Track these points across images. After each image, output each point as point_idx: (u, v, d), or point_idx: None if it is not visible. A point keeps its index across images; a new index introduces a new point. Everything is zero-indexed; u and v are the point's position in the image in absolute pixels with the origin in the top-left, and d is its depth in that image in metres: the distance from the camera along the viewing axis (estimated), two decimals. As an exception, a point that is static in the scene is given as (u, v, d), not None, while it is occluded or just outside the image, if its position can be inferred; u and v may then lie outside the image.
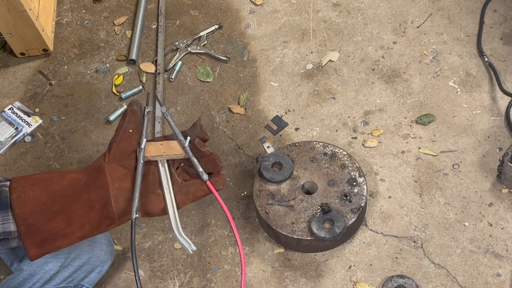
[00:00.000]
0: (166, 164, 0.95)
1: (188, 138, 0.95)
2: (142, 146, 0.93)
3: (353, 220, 1.41)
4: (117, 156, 0.92)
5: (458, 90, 1.68)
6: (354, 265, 1.44)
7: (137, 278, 0.85)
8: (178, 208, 0.93)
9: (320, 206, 1.43)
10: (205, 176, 0.93)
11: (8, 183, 0.88)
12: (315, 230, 1.39)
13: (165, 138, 0.97)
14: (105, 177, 0.90)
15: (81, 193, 0.89)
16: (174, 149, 0.95)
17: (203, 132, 0.96)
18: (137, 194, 0.90)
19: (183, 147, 0.94)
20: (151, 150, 0.94)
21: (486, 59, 1.71)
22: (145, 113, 0.98)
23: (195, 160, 0.94)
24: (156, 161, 0.95)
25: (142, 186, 0.91)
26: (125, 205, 0.90)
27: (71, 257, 1.22)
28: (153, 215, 0.93)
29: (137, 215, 0.89)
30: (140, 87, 1.79)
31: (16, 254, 1.15)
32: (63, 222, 0.87)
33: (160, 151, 0.94)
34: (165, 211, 0.93)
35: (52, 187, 0.88)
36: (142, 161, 0.92)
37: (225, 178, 0.98)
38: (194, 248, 0.91)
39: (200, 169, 0.93)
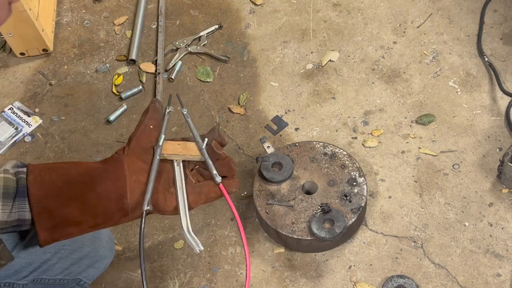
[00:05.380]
0: (181, 164, 0.97)
1: (206, 139, 0.97)
2: (160, 143, 0.95)
3: (353, 220, 1.41)
4: (137, 150, 0.93)
5: (458, 90, 1.68)
6: (354, 265, 1.44)
7: (143, 276, 0.86)
8: (190, 208, 0.95)
9: (320, 206, 1.43)
10: (218, 179, 0.95)
11: (25, 169, 0.89)
12: (315, 230, 1.38)
13: (183, 139, 0.99)
14: (123, 169, 0.91)
15: (98, 182, 0.89)
16: (190, 150, 0.97)
17: (221, 137, 0.99)
18: (150, 187, 0.91)
19: (200, 149, 0.97)
20: (168, 148, 0.96)
21: (486, 59, 1.71)
22: (166, 112, 1.00)
23: (210, 162, 0.96)
24: (172, 160, 0.97)
25: (157, 183, 0.93)
26: (140, 198, 0.91)
27: (71, 249, 1.21)
28: (164, 212, 0.95)
29: (149, 208, 0.90)
30: (140, 87, 1.79)
31: (17, 241, 1.15)
32: (77, 209, 0.88)
33: (177, 150, 0.96)
34: (177, 210, 0.95)
35: (69, 172, 0.89)
36: (158, 157, 0.94)
37: (239, 182, 1.00)
38: (202, 248, 0.94)
39: (214, 171, 0.95)
